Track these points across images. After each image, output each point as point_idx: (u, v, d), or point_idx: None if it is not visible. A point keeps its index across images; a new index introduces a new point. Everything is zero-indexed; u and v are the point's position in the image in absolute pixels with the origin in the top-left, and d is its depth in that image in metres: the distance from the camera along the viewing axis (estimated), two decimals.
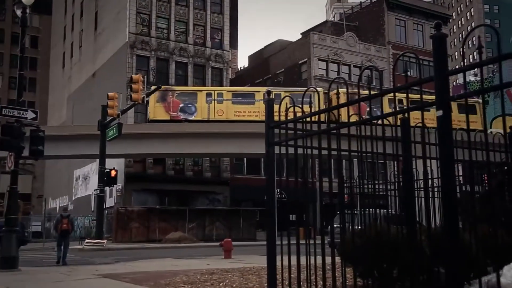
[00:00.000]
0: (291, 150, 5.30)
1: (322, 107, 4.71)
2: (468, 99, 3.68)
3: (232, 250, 16.17)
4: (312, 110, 5.00)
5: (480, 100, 45.94)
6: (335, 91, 4.57)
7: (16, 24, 72.28)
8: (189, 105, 37.03)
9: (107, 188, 31.67)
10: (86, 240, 27.78)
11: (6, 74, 76.27)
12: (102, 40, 50.81)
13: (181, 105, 36.94)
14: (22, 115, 14.41)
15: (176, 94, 37.20)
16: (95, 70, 51.05)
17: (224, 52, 49.20)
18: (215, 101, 37.11)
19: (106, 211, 35.19)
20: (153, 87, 32.75)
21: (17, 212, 14.57)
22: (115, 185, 33.33)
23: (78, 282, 9.73)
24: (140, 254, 21.60)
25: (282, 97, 5.09)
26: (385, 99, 7.75)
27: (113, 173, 28.60)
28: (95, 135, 29.54)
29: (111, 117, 27.29)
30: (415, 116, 4.48)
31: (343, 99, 5.12)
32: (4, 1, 77.07)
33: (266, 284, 7.04)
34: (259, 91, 38.01)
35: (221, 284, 7.82)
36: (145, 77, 31.43)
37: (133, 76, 24.68)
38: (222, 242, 16.96)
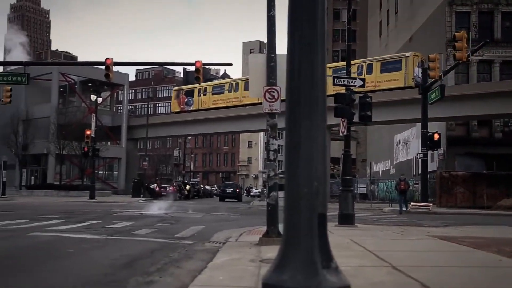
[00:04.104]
0: None
1: None
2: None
3: None
4: None
5: (408, 54, 38.10)
6: None
7: (337, 0, 77.70)
8: None
9: (429, 152, 31.43)
10: (412, 203, 28.29)
11: (330, 48, 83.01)
12: (417, 2, 49.83)
13: None
14: (351, 83, 15.45)
15: None
16: (412, 34, 50.55)
17: None
18: None
19: (428, 175, 34.96)
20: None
21: (350, 173, 15.81)
22: (436, 149, 32.84)
23: (414, 242, 9.97)
24: (467, 220, 20.70)
25: None
26: None
27: (436, 136, 28.17)
28: (416, 99, 29.48)
29: (432, 80, 26.70)
30: None
31: None
32: None
33: None
34: None
35: None
36: (468, 34, 29.49)
37: (457, 33, 23.41)
38: None
